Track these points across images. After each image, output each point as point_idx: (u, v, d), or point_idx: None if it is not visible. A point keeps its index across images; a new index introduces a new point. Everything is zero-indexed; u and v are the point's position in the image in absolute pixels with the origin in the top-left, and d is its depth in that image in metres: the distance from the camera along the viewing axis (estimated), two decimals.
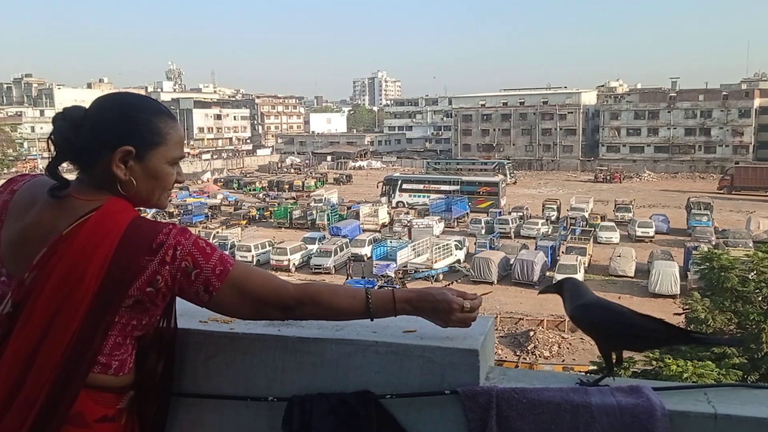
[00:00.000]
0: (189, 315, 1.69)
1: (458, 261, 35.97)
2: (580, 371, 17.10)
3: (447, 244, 36.63)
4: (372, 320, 1.49)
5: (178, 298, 1.45)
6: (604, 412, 1.42)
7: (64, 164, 1.42)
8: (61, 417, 1.28)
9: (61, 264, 1.29)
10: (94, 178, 1.38)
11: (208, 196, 61.36)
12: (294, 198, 60.59)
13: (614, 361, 1.52)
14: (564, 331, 26.59)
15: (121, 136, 1.36)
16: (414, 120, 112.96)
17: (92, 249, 1.30)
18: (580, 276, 32.24)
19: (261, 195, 65.38)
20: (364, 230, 44.45)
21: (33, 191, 1.39)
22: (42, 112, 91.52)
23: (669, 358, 10.35)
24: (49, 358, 1.27)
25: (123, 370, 1.39)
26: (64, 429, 1.29)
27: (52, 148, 1.38)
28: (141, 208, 1.44)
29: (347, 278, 33.71)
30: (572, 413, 1.43)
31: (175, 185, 1.49)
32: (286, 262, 36.99)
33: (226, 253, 1.43)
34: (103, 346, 1.33)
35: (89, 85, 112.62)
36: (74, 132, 1.36)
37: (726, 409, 1.39)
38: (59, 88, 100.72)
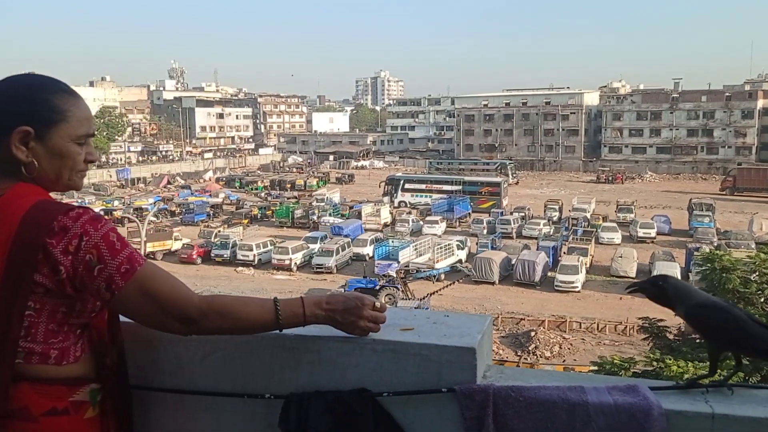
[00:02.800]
0: None
1: (460, 261, 35.98)
2: (581, 371, 17.05)
3: (449, 244, 36.64)
4: (281, 331, 1.45)
5: None
6: (600, 411, 1.41)
7: None
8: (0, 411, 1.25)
9: None
10: (0, 164, 1.34)
11: (210, 195, 61.46)
12: (296, 197, 60.62)
13: (735, 363, 1.50)
14: (565, 332, 26.64)
15: (17, 117, 1.32)
16: (416, 120, 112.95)
17: None
18: (581, 276, 32.60)
19: (263, 194, 65.48)
20: (366, 230, 44.47)
21: None
22: None
23: (670, 359, 10.26)
24: None
25: (66, 359, 1.34)
26: (9, 424, 1.27)
27: None
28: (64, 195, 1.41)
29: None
30: (569, 412, 1.42)
31: (89, 165, 1.44)
32: (287, 262, 37.05)
33: (138, 251, 1.36)
34: (34, 334, 1.30)
35: (92, 83, 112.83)
36: None
37: (723, 409, 1.38)
38: None
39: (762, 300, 12.78)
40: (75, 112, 1.38)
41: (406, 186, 59.55)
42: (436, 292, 29.99)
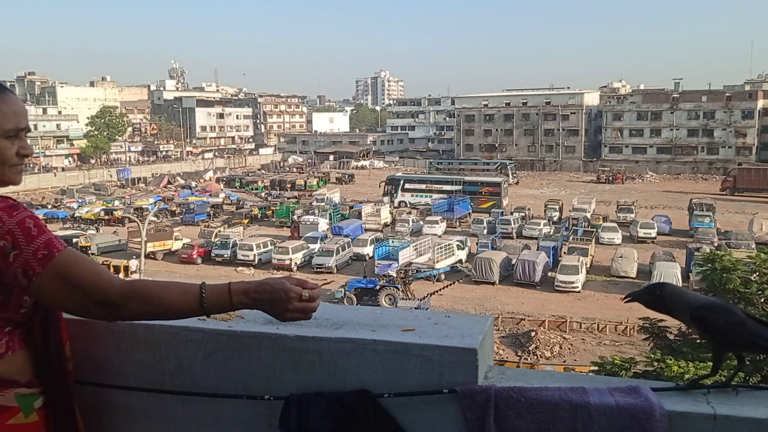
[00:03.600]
0: None
1: (460, 261, 35.93)
2: (582, 371, 16.99)
3: (449, 244, 36.60)
4: (208, 316, 1.42)
5: None
6: (602, 412, 1.41)
7: None
8: None
9: None
10: None
11: (210, 195, 61.43)
12: (296, 197, 60.57)
13: (737, 363, 1.51)
14: (565, 332, 26.61)
15: None
16: (416, 120, 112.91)
17: None
18: (582, 277, 32.55)
19: (263, 194, 65.41)
20: (367, 230, 44.44)
21: None
22: (45, 110, 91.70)
23: (670, 359, 10.23)
24: None
25: None
26: None
27: None
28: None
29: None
30: (570, 413, 1.42)
31: (25, 159, 1.41)
32: (287, 262, 37.03)
33: (58, 238, 1.32)
34: None
35: (92, 83, 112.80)
36: None
37: (725, 410, 1.38)
38: (62, 86, 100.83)
39: (762, 300, 12.74)
40: (1, 108, 1.35)
41: (406, 186, 59.50)
42: (437, 292, 29.98)
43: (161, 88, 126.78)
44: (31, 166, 77.28)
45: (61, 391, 1.42)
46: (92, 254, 36.26)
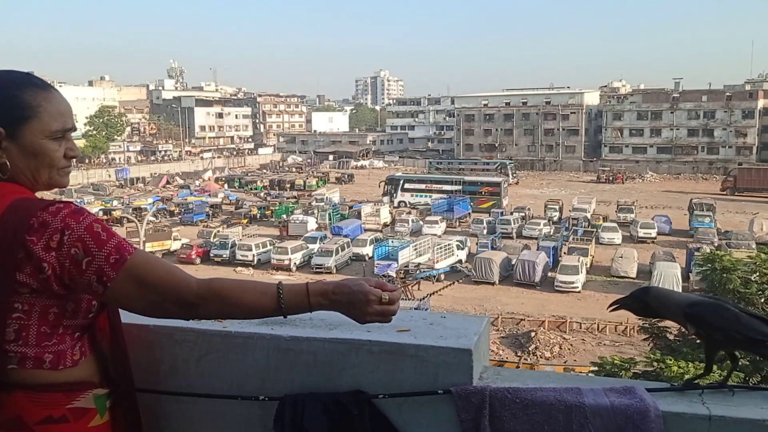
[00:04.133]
0: None
1: (460, 261, 35.92)
2: (581, 372, 17.03)
3: (449, 244, 36.58)
4: (285, 317, 1.40)
5: None
6: (597, 413, 1.41)
7: None
8: None
9: None
10: None
11: (209, 195, 61.34)
12: (295, 197, 60.52)
13: (731, 362, 1.52)
14: (565, 332, 26.60)
15: None
16: (416, 119, 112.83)
17: None
18: (582, 277, 32.50)
19: (262, 194, 65.34)
20: (366, 230, 44.39)
21: None
22: None
23: (670, 359, 10.27)
24: None
25: (63, 363, 1.29)
26: None
27: None
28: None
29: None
30: (565, 413, 1.43)
31: (72, 161, 1.38)
32: (287, 262, 36.97)
33: (127, 240, 1.31)
34: (25, 337, 1.25)
35: (90, 83, 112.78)
36: None
37: (721, 411, 1.38)
38: (61, 86, 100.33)
39: (762, 300, 12.77)
40: (47, 107, 1.31)
41: (406, 186, 59.45)
42: (436, 292, 29.95)
43: (160, 88, 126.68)
44: None
45: (129, 390, 1.44)
46: None
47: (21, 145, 1.29)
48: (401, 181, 60.21)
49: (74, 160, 1.41)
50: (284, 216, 48.52)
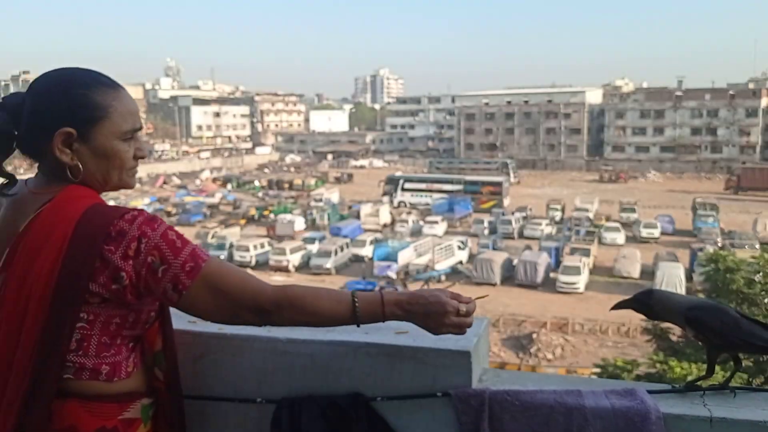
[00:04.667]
0: (177, 315, 1.66)
1: (460, 262, 35.81)
2: (584, 373, 16.72)
3: (449, 245, 36.43)
4: (359, 326, 1.37)
5: None
6: (597, 415, 1.41)
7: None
8: (43, 427, 1.21)
9: (20, 262, 1.23)
10: (47, 168, 1.30)
11: (207, 195, 61.22)
12: (294, 197, 60.47)
13: (734, 364, 1.50)
14: (567, 333, 26.53)
15: (57, 118, 1.25)
16: (416, 118, 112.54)
17: (45, 241, 1.22)
18: (584, 277, 32.32)
19: (260, 194, 65.25)
20: (366, 230, 44.22)
21: None
22: None
23: (673, 361, 10.46)
24: (23, 361, 1.21)
25: (118, 374, 1.30)
26: None
27: None
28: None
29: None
30: (565, 416, 1.43)
31: (139, 161, 1.37)
32: (285, 263, 36.76)
33: (200, 247, 1.29)
34: (86, 347, 1.25)
35: None
36: (13, 122, 1.27)
37: (722, 413, 1.38)
38: None
39: (766, 300, 13.21)
40: (117, 107, 1.30)
41: (406, 186, 59.32)
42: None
43: (157, 87, 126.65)
44: (29, 166, 77.02)
45: (179, 399, 1.45)
46: None
47: (92, 146, 1.28)
48: (401, 181, 60.08)
49: (142, 160, 1.39)
50: (272, 215, 48.72)
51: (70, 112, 1.26)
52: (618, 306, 1.62)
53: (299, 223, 45.73)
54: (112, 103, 1.29)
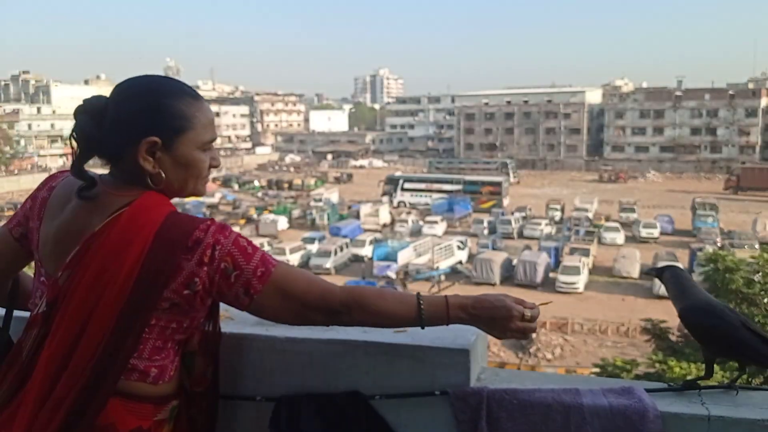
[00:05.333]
0: None
1: (460, 262, 35.83)
2: (583, 373, 16.76)
3: (449, 245, 36.47)
4: (423, 328, 1.38)
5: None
6: (595, 413, 1.42)
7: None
8: (88, 424, 1.23)
9: (94, 262, 1.24)
10: (124, 172, 1.31)
11: (206, 195, 61.06)
12: (293, 197, 60.51)
13: (738, 367, 1.49)
14: (567, 333, 26.57)
15: (143, 126, 1.28)
16: (416, 118, 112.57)
17: (126, 246, 1.25)
18: (583, 277, 32.37)
19: (260, 194, 65.27)
20: (365, 230, 44.25)
21: (70, 188, 1.33)
22: (39, 109, 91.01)
23: (672, 360, 10.47)
24: (82, 360, 1.23)
25: (163, 378, 1.32)
26: None
27: (74, 144, 1.30)
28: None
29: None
30: (563, 414, 1.43)
31: (212, 170, 1.39)
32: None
33: (268, 253, 1.33)
34: (141, 350, 1.27)
35: (86, 82, 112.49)
36: (96, 126, 1.29)
37: (719, 411, 1.38)
38: (56, 85, 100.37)
39: (766, 301, 13.20)
40: (200, 118, 1.33)
41: (406, 185, 59.35)
42: (436, 293, 29.63)
43: None
44: (29, 167, 76.88)
45: (214, 401, 1.47)
46: None
47: (175, 156, 1.31)
48: (401, 181, 60.11)
49: (215, 168, 1.42)
50: (255, 215, 49.23)
51: (156, 121, 1.28)
52: (648, 272, 1.69)
53: (282, 223, 46.21)
54: (196, 114, 1.32)
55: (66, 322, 1.24)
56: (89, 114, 1.30)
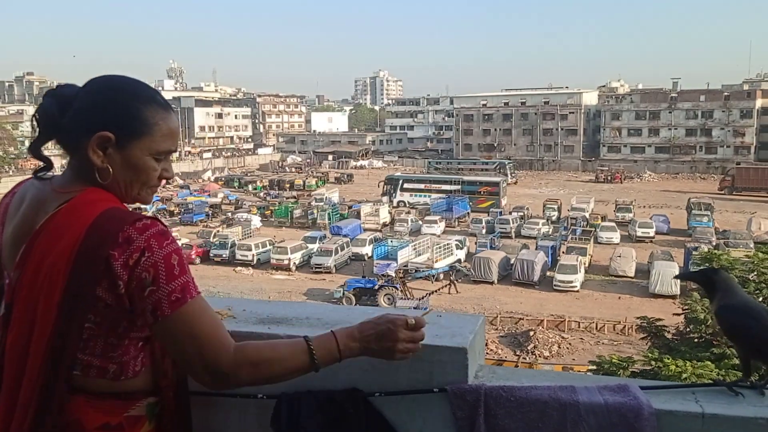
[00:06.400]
0: None
1: (459, 260, 35.90)
2: (580, 371, 16.99)
3: (447, 244, 36.59)
4: (317, 371, 1.37)
5: None
6: (591, 410, 1.42)
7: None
8: (54, 422, 1.23)
9: (33, 260, 1.24)
10: (76, 165, 1.31)
11: (209, 195, 61.28)
12: (295, 197, 60.45)
13: (766, 369, 1.49)
14: (564, 331, 26.61)
15: (103, 120, 1.28)
16: (415, 119, 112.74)
17: (58, 241, 1.23)
18: (580, 276, 32.53)
19: (262, 194, 65.29)
20: (365, 229, 44.40)
21: (24, 191, 1.36)
22: None
23: (668, 358, 10.34)
24: (36, 359, 1.22)
25: (126, 374, 1.30)
26: None
27: (35, 124, 1.32)
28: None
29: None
30: (560, 411, 1.44)
31: (163, 182, 1.39)
32: (286, 262, 36.96)
33: (194, 282, 1.28)
34: (92, 346, 1.26)
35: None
36: (61, 111, 1.29)
37: (713, 409, 1.39)
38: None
39: (760, 299, 13.08)
40: (162, 127, 1.33)
41: (405, 186, 59.42)
42: (435, 291, 29.97)
43: (160, 88, 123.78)
44: (32, 167, 76.63)
45: (185, 398, 1.45)
46: None
47: (125, 156, 1.30)
48: (400, 181, 60.17)
49: (166, 181, 1.41)
50: (229, 214, 50.77)
51: (117, 119, 1.28)
52: (684, 277, 1.76)
53: (255, 221, 47.33)
54: (159, 122, 1.32)
55: (17, 323, 1.24)
56: (57, 98, 1.30)
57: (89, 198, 1.27)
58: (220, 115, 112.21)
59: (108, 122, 1.28)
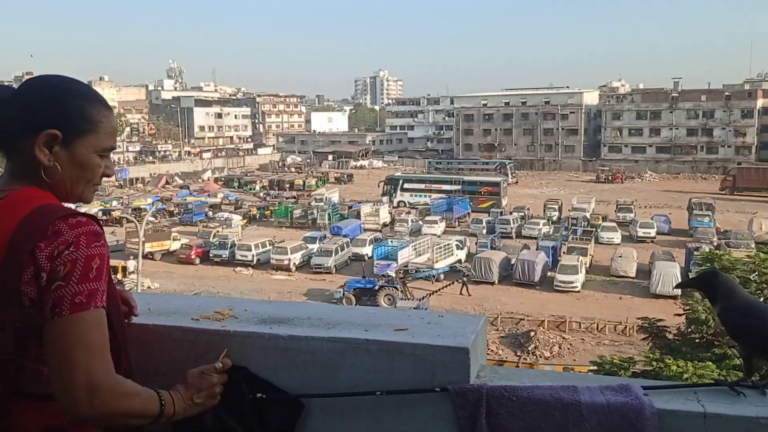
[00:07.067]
0: (181, 313, 1.68)
1: (459, 261, 35.94)
2: (580, 371, 17.04)
3: (448, 244, 36.62)
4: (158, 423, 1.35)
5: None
6: (593, 410, 1.43)
7: None
8: (2, 428, 1.23)
9: None
10: (17, 165, 1.31)
11: (209, 195, 61.41)
12: (295, 197, 60.61)
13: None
14: (565, 332, 26.62)
15: (48, 119, 1.28)
16: (416, 119, 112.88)
17: None
18: (581, 276, 32.57)
19: (262, 194, 65.41)
20: (365, 230, 44.44)
21: None
22: None
23: (669, 359, 10.33)
24: None
25: None
26: None
27: None
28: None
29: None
30: (561, 411, 1.44)
31: (104, 179, 1.40)
32: (286, 262, 36.99)
33: (103, 295, 1.23)
34: (21, 348, 1.24)
35: (89, 83, 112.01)
36: None
37: (715, 409, 1.39)
38: None
39: (762, 300, 13.11)
40: (105, 125, 1.35)
41: (405, 186, 59.55)
42: (436, 292, 29.96)
43: (159, 88, 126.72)
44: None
45: None
46: None
47: (72, 154, 1.31)
48: (400, 181, 60.31)
49: (107, 178, 1.43)
50: (210, 212, 51.82)
51: (62, 117, 1.28)
52: (684, 285, 1.90)
53: (236, 220, 47.87)
54: (102, 120, 1.34)
55: None
56: None
57: (25, 196, 1.26)
58: (219, 115, 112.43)
59: (53, 121, 1.28)
